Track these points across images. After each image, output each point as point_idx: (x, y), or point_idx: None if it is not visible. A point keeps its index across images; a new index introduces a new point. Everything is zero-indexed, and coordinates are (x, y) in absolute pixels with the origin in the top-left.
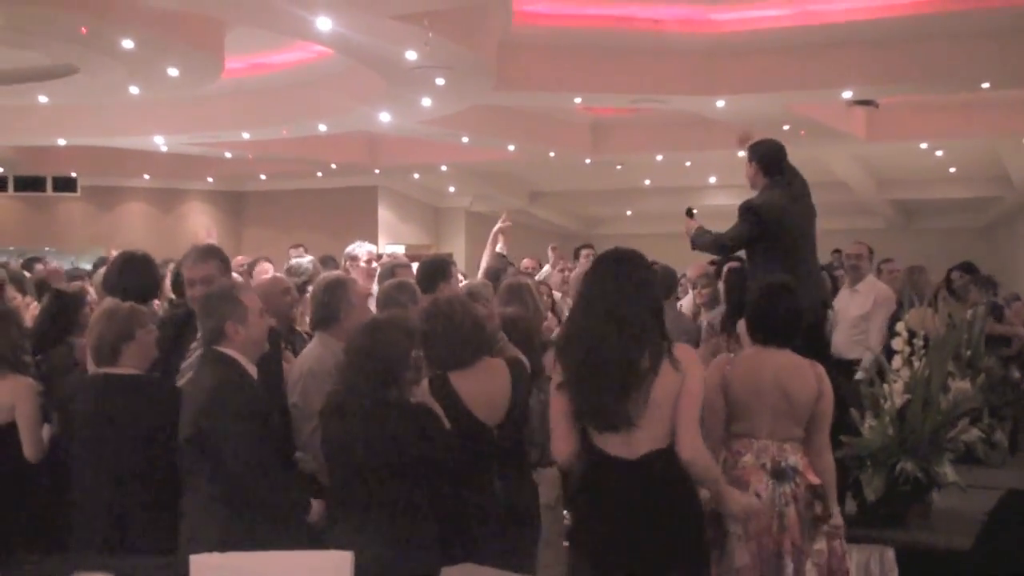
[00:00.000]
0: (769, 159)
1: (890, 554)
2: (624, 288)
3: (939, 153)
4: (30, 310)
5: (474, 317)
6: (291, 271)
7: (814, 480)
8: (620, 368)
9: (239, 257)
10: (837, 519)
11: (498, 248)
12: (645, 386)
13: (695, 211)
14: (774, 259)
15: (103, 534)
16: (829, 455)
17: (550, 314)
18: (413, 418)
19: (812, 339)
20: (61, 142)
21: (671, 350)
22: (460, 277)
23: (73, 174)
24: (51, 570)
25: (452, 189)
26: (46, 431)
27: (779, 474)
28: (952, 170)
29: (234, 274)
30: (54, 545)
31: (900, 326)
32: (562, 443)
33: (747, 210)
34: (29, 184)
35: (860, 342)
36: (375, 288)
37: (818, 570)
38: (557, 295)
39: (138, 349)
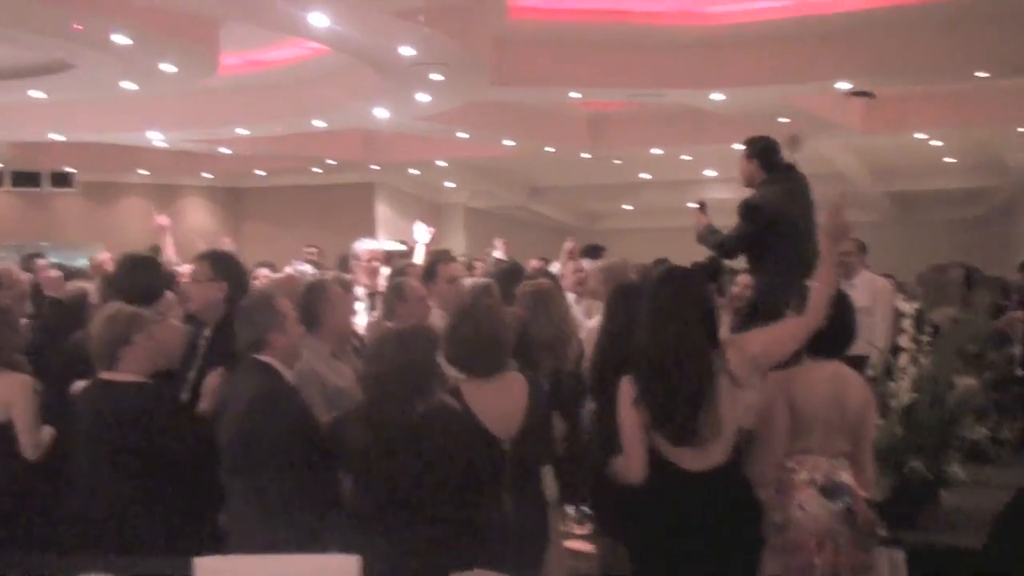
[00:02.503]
0: (767, 155)
1: (900, 556)
2: (690, 308)
3: (936, 143)
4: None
5: (500, 328)
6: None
7: (867, 494)
8: (695, 385)
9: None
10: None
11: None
12: (715, 402)
13: (706, 205)
14: (781, 258)
15: (103, 536)
16: (872, 469)
17: None
18: (444, 423)
19: None
20: (56, 137)
21: (727, 367)
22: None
23: (69, 169)
24: (51, 571)
25: (450, 185)
26: (47, 432)
27: (830, 491)
28: (949, 160)
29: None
30: (53, 545)
31: (907, 323)
32: (637, 457)
33: (748, 208)
34: (25, 179)
35: (862, 336)
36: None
37: None
38: (570, 297)
39: (137, 354)
